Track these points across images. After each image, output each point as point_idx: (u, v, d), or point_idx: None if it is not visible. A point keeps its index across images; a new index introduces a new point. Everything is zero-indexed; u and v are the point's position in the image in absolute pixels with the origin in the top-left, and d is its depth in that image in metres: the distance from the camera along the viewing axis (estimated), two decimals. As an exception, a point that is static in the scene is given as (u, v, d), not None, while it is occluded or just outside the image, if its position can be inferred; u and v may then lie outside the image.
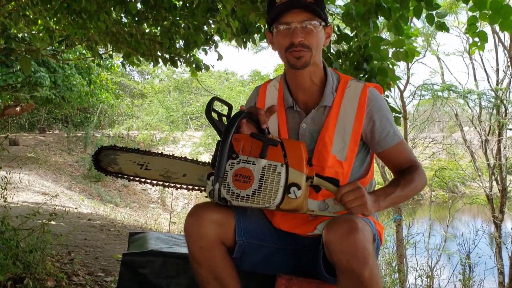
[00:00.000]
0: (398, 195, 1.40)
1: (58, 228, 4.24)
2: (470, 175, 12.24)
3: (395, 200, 1.41)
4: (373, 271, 1.18)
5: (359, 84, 1.48)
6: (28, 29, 4.10)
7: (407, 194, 1.43)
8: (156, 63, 3.85)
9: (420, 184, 1.46)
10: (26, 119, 19.41)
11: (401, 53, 2.35)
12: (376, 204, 1.33)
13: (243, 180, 1.27)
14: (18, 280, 2.17)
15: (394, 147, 1.46)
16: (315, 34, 1.39)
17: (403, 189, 1.41)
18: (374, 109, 1.45)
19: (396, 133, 1.47)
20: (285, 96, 1.52)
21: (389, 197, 1.39)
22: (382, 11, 2.23)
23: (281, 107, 1.52)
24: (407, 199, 1.53)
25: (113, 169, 1.54)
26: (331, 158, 1.43)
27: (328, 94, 1.47)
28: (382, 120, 1.46)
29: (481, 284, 7.13)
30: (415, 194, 1.49)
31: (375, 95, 1.47)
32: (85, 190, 11.86)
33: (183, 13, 3.18)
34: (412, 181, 1.43)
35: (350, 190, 1.27)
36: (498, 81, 10.77)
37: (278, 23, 1.39)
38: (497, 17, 1.99)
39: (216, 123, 1.34)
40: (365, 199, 1.27)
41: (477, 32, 2.19)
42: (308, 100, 1.50)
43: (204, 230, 1.33)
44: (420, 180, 1.45)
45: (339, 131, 1.44)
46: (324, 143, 1.44)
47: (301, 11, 1.37)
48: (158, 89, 17.87)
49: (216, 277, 1.37)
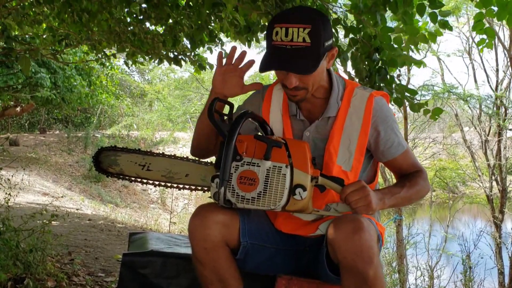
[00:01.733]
0: (403, 196, 1.40)
1: (58, 229, 4.24)
2: (470, 175, 12.24)
3: (399, 201, 1.41)
4: (377, 270, 1.19)
5: (365, 92, 1.46)
6: (31, 29, 4.10)
7: (411, 196, 1.43)
8: (160, 62, 3.85)
9: (423, 189, 1.46)
10: (26, 119, 19.41)
11: (419, 37, 2.29)
12: (381, 202, 1.33)
13: (248, 182, 1.26)
14: (18, 280, 2.16)
15: (398, 157, 1.47)
16: (311, 76, 1.35)
17: (408, 190, 1.41)
18: (380, 119, 1.44)
19: (400, 143, 1.47)
20: (289, 104, 1.51)
21: (394, 196, 1.38)
22: (389, 4, 2.21)
23: (285, 114, 1.51)
24: (410, 203, 1.49)
25: (114, 170, 1.53)
26: (336, 168, 1.42)
27: (333, 104, 1.45)
28: (387, 130, 1.45)
29: (481, 284, 7.13)
30: (419, 198, 1.48)
31: (381, 105, 1.46)
32: (86, 190, 11.86)
33: (186, 12, 3.17)
34: (417, 184, 1.44)
35: (355, 190, 1.27)
36: (498, 82, 10.78)
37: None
38: (504, 13, 1.97)
39: (219, 124, 1.32)
40: (369, 198, 1.26)
41: (484, 29, 2.17)
42: (312, 109, 1.49)
43: (209, 231, 1.32)
44: (424, 184, 1.46)
45: (345, 142, 1.43)
46: (329, 153, 1.43)
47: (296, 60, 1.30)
48: (158, 88, 17.88)
49: (220, 278, 1.36)
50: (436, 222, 11.11)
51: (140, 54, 3.81)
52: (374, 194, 1.31)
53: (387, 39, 2.32)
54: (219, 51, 1.55)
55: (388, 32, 2.32)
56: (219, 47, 3.75)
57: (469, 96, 10.24)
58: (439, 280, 7.61)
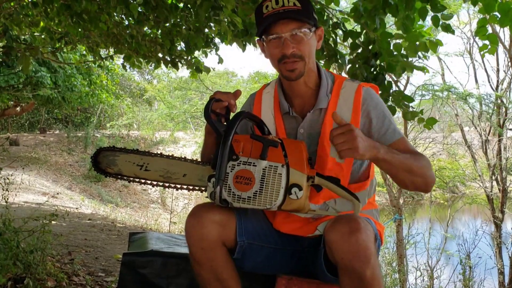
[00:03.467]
0: (402, 160, 1.32)
1: (58, 228, 4.24)
2: (470, 175, 12.24)
3: (396, 162, 1.32)
4: (374, 271, 1.19)
5: (353, 84, 1.47)
6: (29, 30, 4.11)
7: (411, 165, 1.33)
8: (157, 64, 3.86)
9: (427, 169, 1.36)
10: (26, 119, 19.42)
11: (420, 45, 2.29)
12: (374, 150, 1.28)
13: (244, 182, 1.26)
14: (18, 280, 2.17)
15: (395, 144, 1.40)
16: (306, 42, 1.38)
17: (408, 159, 1.34)
18: (370, 107, 1.43)
19: (396, 129, 1.43)
20: (280, 102, 1.51)
21: (392, 153, 1.32)
22: (390, 8, 2.22)
23: (277, 113, 1.52)
24: (409, 175, 1.34)
25: (112, 171, 1.54)
26: (330, 160, 1.42)
27: (322, 97, 1.46)
28: (379, 117, 1.43)
29: (481, 284, 7.13)
30: (420, 176, 1.35)
31: (370, 93, 1.46)
32: (86, 190, 11.88)
33: (184, 14, 3.17)
34: (421, 160, 1.36)
35: (342, 133, 1.24)
36: (498, 82, 10.78)
37: (268, 34, 1.38)
38: (506, 19, 1.98)
39: (215, 124, 1.33)
40: (356, 143, 1.22)
41: (487, 35, 2.17)
42: (304, 105, 1.49)
43: (205, 231, 1.32)
44: (428, 166, 1.37)
45: None
46: (322, 146, 1.43)
47: (290, 20, 1.35)
48: (158, 88, 17.90)
49: (217, 278, 1.36)
50: (436, 222, 11.11)
51: (136, 58, 3.82)
52: (365, 139, 1.27)
53: (386, 44, 2.32)
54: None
55: (387, 37, 2.32)
56: (213, 52, 3.76)
57: (467, 95, 10.24)
58: (439, 280, 7.61)
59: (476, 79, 11.35)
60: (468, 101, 10.49)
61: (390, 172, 1.36)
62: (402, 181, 1.38)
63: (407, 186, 1.39)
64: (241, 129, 1.55)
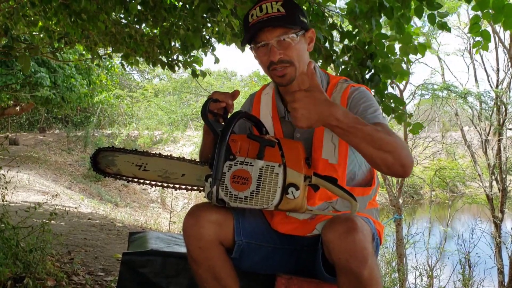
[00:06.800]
0: (370, 131, 1.20)
1: (58, 228, 4.25)
2: (470, 174, 12.25)
3: (360, 132, 1.20)
4: (372, 271, 1.18)
5: (344, 84, 1.46)
6: (28, 30, 4.11)
7: (381, 138, 1.20)
8: (154, 65, 3.87)
9: (400, 147, 1.22)
10: (26, 118, 19.43)
11: (410, 48, 2.33)
12: (325, 115, 1.18)
13: (241, 181, 1.27)
14: (18, 279, 2.17)
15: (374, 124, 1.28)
16: (294, 47, 1.37)
17: (379, 131, 1.21)
18: (355, 100, 1.40)
19: (378, 113, 1.35)
20: (278, 106, 1.52)
21: (357, 124, 1.20)
22: (385, 10, 2.23)
23: (275, 116, 1.52)
24: (379, 149, 1.20)
25: (111, 171, 1.54)
26: (322, 162, 1.42)
27: None
28: (365, 103, 1.37)
29: (481, 284, 7.14)
30: (392, 152, 1.21)
31: (357, 90, 1.43)
32: (85, 189, 11.88)
33: (183, 14, 3.18)
34: (395, 137, 1.24)
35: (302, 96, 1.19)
36: (498, 81, 10.79)
37: (255, 42, 1.39)
38: (500, 16, 1.98)
39: (212, 123, 1.34)
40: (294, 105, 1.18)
41: (480, 32, 2.18)
42: None
43: (203, 230, 1.33)
44: (403, 145, 1.24)
45: (327, 134, 1.43)
46: (314, 148, 1.44)
47: (274, 28, 1.35)
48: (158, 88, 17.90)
49: (215, 277, 1.37)
50: (436, 221, 11.12)
51: (134, 57, 3.83)
52: (319, 103, 1.19)
53: (382, 45, 2.33)
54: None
55: (382, 38, 2.33)
56: (210, 51, 3.76)
57: (466, 93, 10.25)
58: (439, 279, 7.62)
59: (476, 78, 11.37)
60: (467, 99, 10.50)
61: (355, 144, 1.23)
62: (370, 156, 1.23)
63: (378, 165, 1.24)
64: (240, 129, 1.56)
